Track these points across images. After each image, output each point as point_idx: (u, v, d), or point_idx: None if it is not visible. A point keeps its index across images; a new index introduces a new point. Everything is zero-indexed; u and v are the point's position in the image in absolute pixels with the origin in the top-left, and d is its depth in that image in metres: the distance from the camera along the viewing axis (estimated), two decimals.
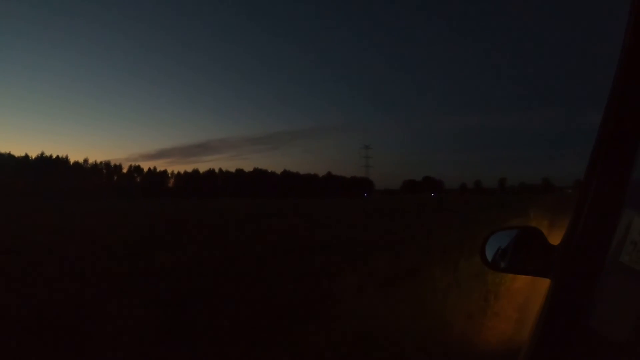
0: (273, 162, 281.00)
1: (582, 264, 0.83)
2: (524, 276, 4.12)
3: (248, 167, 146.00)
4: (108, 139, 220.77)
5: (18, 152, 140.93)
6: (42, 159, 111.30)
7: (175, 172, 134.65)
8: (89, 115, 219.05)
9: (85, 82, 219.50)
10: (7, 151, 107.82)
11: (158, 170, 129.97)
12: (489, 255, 1.41)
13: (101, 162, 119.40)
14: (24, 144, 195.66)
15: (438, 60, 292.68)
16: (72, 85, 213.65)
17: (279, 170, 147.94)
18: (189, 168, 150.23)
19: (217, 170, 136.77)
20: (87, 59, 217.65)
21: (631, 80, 0.79)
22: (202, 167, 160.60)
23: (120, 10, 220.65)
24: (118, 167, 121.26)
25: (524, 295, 5.41)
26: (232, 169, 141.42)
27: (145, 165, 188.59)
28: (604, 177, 0.83)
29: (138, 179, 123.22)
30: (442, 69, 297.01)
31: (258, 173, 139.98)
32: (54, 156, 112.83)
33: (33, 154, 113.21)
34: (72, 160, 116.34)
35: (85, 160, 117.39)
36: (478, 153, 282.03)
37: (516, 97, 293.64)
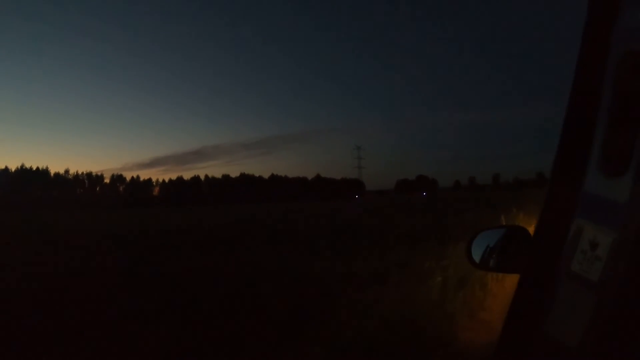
0: (268, 167, 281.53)
1: (540, 268, 0.88)
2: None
3: (247, 173, 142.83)
4: (101, 149, 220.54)
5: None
6: (23, 171, 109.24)
7: (161, 180, 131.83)
8: (82, 125, 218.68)
9: (74, 91, 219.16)
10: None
11: (144, 179, 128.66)
12: (477, 255, 1.40)
13: (82, 173, 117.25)
14: (6, 155, 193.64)
15: (428, 58, 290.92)
16: (62, 95, 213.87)
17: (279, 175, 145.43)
18: (184, 176, 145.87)
19: (202, 177, 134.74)
20: (78, 69, 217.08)
21: (581, 88, 0.84)
22: (197, 174, 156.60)
23: (108, 17, 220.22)
24: (100, 177, 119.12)
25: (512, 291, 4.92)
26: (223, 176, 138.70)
27: (141, 174, 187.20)
28: (558, 182, 0.87)
29: (121, 189, 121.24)
30: (432, 67, 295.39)
31: (245, 178, 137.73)
32: (39, 168, 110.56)
33: (13, 166, 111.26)
34: (68, 171, 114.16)
35: (67, 171, 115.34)
36: (472, 150, 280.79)
37: (508, 93, 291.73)
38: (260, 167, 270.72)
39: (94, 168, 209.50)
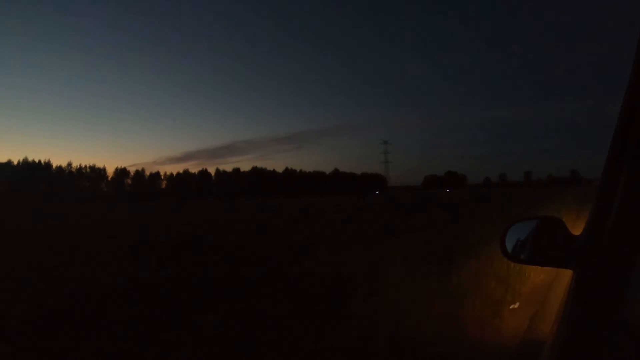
0: (299, 161, 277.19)
1: (615, 254, 0.80)
2: (545, 268, 3.97)
3: (277, 168, 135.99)
4: (135, 143, 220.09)
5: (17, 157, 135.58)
6: (26, 164, 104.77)
7: (169, 174, 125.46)
8: (116, 119, 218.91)
9: (107, 85, 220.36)
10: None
11: (171, 173, 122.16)
12: (509, 246, 1.37)
13: (86, 166, 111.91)
14: (19, 149, 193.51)
15: (460, 53, 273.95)
16: (95, 89, 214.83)
17: (307, 170, 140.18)
18: (214, 170, 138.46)
19: (239, 170, 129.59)
20: (110, 64, 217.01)
21: None
22: (227, 169, 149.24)
23: (136, 11, 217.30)
24: (103, 171, 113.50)
25: (545, 287, 5.23)
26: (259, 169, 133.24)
27: (173, 169, 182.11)
28: (637, 164, 0.79)
29: (127, 182, 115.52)
30: (465, 62, 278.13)
31: (256, 172, 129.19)
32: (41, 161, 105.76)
33: (15, 159, 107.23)
34: (71, 164, 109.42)
35: (69, 164, 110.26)
36: (503, 146, 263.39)
37: (541, 88, 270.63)
38: (292, 161, 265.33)
39: (126, 162, 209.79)
